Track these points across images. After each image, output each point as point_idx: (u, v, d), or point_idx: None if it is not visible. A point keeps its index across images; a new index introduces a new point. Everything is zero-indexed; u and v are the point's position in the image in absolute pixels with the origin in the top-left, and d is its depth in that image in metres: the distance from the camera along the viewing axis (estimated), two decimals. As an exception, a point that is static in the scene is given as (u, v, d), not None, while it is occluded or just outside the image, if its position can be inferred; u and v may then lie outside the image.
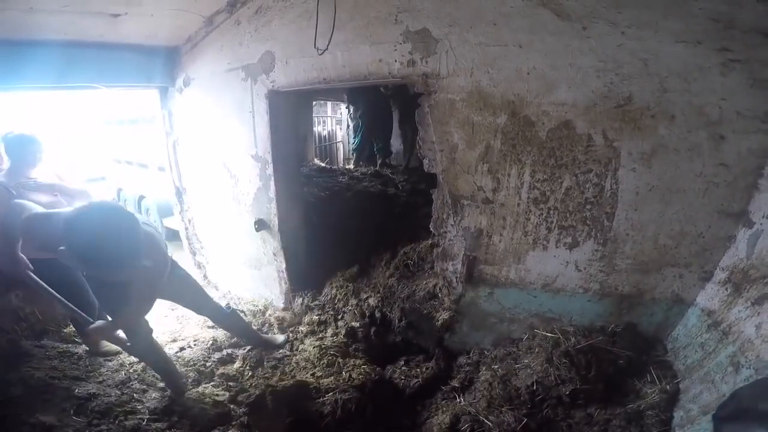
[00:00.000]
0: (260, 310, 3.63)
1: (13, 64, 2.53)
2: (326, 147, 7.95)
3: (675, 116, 1.93)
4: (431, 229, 2.69)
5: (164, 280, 2.05)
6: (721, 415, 1.64)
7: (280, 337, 3.08)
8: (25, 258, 1.88)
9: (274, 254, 3.46)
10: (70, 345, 2.78)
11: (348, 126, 7.64)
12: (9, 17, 2.31)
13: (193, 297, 2.60)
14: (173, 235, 5.00)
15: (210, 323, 3.29)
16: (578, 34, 1.95)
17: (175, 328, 3.33)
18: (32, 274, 1.93)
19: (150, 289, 2.01)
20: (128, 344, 2.18)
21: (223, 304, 2.91)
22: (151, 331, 2.34)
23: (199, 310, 2.74)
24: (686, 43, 1.81)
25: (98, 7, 2.52)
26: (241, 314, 3.19)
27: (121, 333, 2.10)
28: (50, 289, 2.02)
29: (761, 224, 1.88)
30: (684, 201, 2.06)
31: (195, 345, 3.02)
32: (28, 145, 2.50)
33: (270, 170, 3.14)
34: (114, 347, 2.83)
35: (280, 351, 2.94)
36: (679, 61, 1.85)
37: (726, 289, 2.02)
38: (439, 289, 2.82)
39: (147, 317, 2.24)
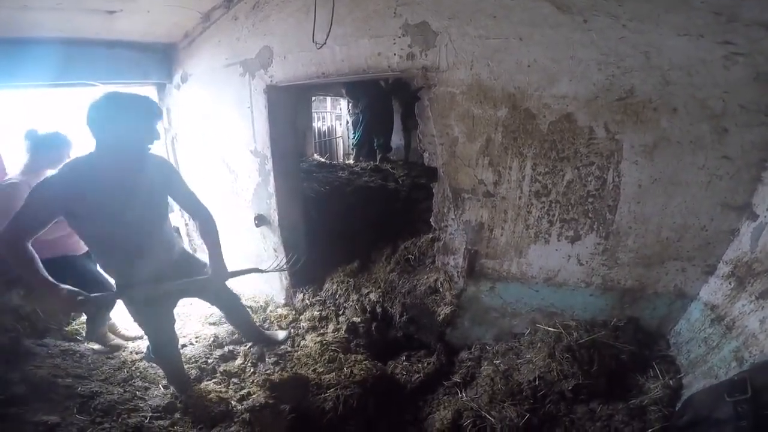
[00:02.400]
0: (261, 306, 3.63)
1: (8, 62, 2.50)
2: (326, 142, 7.92)
3: (677, 109, 1.91)
4: (432, 224, 2.68)
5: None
6: (678, 425, 1.64)
7: (282, 333, 3.07)
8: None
9: (275, 250, 3.45)
10: (72, 343, 2.78)
11: (347, 121, 7.61)
12: (2, 15, 2.29)
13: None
14: (173, 233, 5.00)
15: (212, 320, 3.29)
16: (579, 27, 1.93)
17: (176, 325, 3.31)
18: None
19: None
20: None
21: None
22: (169, 343, 2.38)
23: (217, 298, 2.61)
24: (688, 36, 1.78)
25: (93, 4, 2.49)
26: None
27: None
28: None
29: (765, 217, 1.86)
30: (687, 194, 2.04)
31: (196, 342, 3.02)
32: (62, 147, 2.42)
33: (269, 166, 3.13)
34: (119, 342, 2.85)
35: (282, 347, 2.94)
36: (681, 54, 1.82)
37: (729, 283, 2.01)
38: (441, 283, 2.82)
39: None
